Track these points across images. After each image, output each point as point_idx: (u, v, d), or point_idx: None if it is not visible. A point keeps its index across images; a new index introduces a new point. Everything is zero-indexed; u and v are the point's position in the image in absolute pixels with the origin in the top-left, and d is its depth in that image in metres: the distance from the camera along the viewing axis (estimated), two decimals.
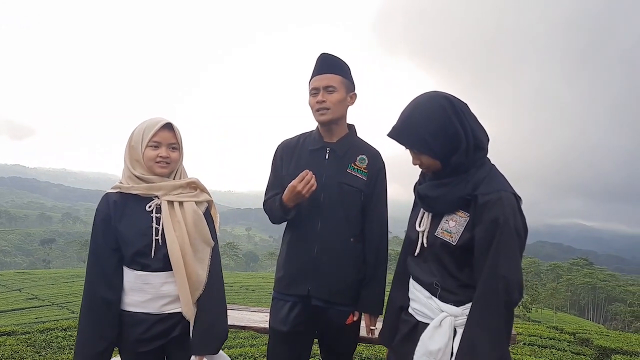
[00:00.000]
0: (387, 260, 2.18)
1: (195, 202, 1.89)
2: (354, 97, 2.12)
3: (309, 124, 2.26)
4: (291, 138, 2.25)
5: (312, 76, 2.09)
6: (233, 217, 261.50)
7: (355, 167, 2.10)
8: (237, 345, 5.48)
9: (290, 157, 2.16)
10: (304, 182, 1.95)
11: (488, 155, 1.64)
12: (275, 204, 2.10)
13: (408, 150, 1.65)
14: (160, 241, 1.81)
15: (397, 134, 1.61)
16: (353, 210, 2.09)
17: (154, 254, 1.81)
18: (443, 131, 1.53)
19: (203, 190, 1.96)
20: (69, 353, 4.80)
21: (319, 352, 2.35)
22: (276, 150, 2.23)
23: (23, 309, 25.18)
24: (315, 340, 2.24)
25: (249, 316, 2.90)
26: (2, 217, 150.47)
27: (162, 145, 1.83)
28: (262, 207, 2.23)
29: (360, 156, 2.12)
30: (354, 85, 2.13)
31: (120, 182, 1.88)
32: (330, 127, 2.10)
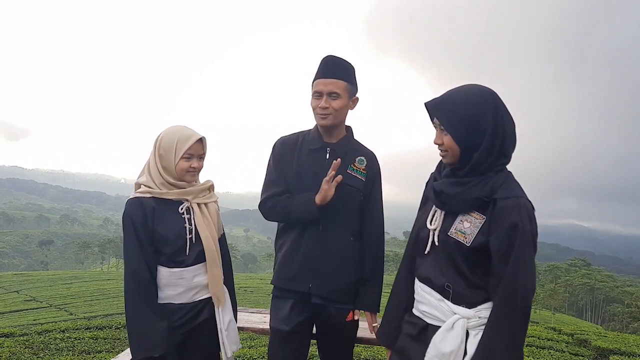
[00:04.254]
0: (384, 258, 2.20)
1: (213, 202, 2.12)
2: (355, 101, 2.12)
3: (309, 124, 2.26)
4: (289, 135, 2.23)
5: (317, 77, 2.06)
6: (231, 219, 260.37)
7: (355, 168, 2.12)
8: None
9: (291, 155, 2.15)
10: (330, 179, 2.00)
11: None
12: (301, 204, 2.05)
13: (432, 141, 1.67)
14: (193, 239, 1.99)
15: (434, 104, 1.60)
16: (352, 209, 2.10)
17: (189, 251, 1.98)
18: (473, 120, 1.53)
19: (212, 189, 2.15)
20: (67, 355, 4.79)
21: (316, 352, 2.35)
22: (274, 147, 2.20)
23: (21, 310, 25.14)
24: (314, 341, 2.24)
25: (247, 317, 2.89)
26: (0, 219, 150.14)
27: (194, 157, 1.98)
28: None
29: (359, 157, 2.13)
30: (356, 89, 2.12)
31: (149, 187, 1.97)
32: (330, 129, 2.11)
